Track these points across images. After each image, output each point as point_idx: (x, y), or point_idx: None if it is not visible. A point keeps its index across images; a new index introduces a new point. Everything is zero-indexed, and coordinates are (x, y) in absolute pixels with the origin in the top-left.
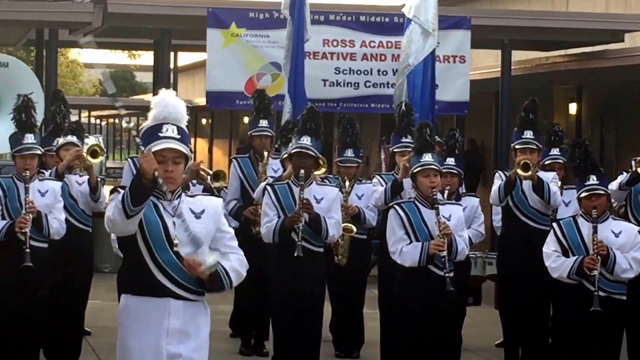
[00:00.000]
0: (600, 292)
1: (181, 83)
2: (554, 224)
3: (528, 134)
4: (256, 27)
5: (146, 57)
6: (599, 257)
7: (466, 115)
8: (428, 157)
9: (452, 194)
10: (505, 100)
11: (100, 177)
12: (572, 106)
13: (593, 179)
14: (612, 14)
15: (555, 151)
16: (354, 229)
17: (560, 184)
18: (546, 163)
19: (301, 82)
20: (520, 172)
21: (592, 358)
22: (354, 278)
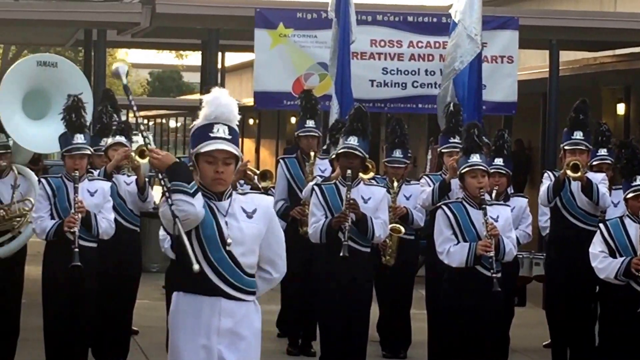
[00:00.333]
0: None
1: (228, 83)
2: (601, 225)
3: (578, 134)
4: (304, 27)
5: (193, 58)
6: None
7: (513, 115)
8: (476, 158)
9: (500, 194)
10: (553, 100)
11: (147, 177)
12: (620, 106)
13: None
14: None
15: (603, 151)
16: (402, 229)
17: (609, 185)
18: (594, 164)
19: (348, 82)
20: (569, 173)
21: None
22: (402, 278)
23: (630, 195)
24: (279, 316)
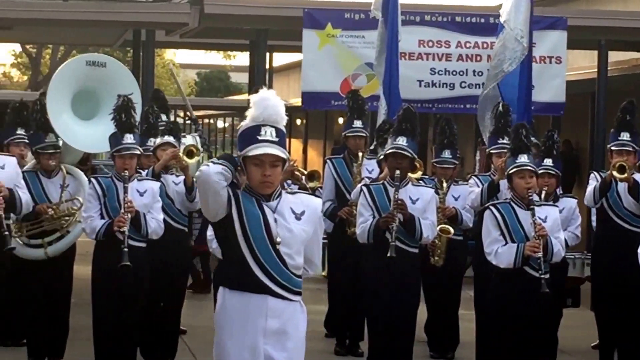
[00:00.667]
0: None
1: (276, 83)
2: None
3: (625, 135)
4: (352, 27)
5: (241, 58)
6: None
7: (561, 116)
8: (524, 158)
9: (549, 195)
10: (602, 101)
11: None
12: None
13: None
14: None
15: None
16: (451, 230)
17: None
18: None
19: (395, 83)
20: (616, 174)
21: None
22: (450, 279)
23: None
24: (326, 316)
